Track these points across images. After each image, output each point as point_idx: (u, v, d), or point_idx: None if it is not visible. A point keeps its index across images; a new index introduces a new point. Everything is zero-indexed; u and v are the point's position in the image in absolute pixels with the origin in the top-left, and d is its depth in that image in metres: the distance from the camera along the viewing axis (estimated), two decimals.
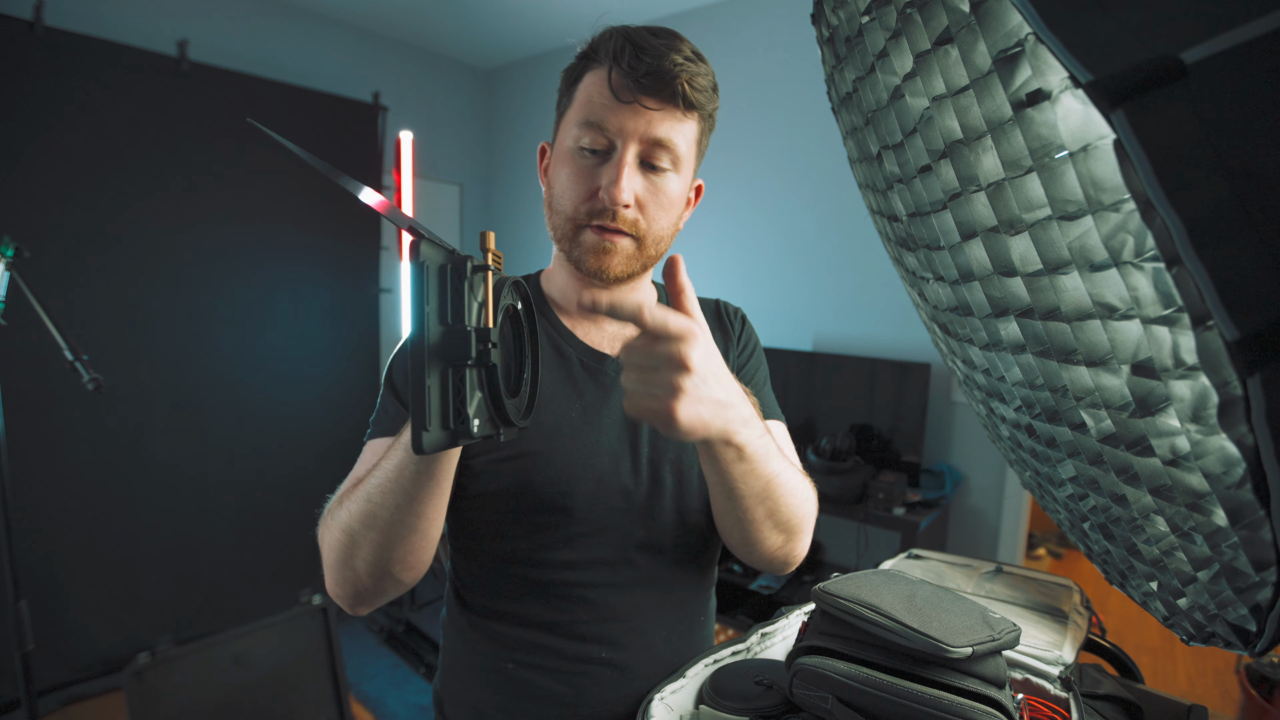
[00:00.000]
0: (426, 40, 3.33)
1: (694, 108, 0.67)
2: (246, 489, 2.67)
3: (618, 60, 0.64)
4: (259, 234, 2.67)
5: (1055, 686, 0.63)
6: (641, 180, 0.67)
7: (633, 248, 0.69)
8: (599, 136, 0.66)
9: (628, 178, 0.66)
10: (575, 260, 0.70)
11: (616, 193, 0.65)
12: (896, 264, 0.79)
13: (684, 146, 0.68)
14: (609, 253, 0.68)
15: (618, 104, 0.65)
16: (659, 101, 0.65)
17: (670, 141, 0.67)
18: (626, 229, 0.68)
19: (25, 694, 1.37)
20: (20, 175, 2.10)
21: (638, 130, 0.65)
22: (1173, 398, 0.39)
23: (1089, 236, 0.39)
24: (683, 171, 0.70)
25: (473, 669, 0.75)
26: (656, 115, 0.65)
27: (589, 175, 0.67)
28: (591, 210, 0.67)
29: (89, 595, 2.28)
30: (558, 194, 0.70)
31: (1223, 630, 0.51)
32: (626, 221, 0.67)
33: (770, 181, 2.76)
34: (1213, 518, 0.42)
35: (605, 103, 0.65)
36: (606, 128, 0.65)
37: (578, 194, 0.68)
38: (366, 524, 0.58)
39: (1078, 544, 0.79)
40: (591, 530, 0.71)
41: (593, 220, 0.68)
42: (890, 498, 2.11)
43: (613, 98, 0.65)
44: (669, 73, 0.63)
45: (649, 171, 0.68)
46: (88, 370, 1.31)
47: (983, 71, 0.41)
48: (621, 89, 0.64)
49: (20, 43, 2.07)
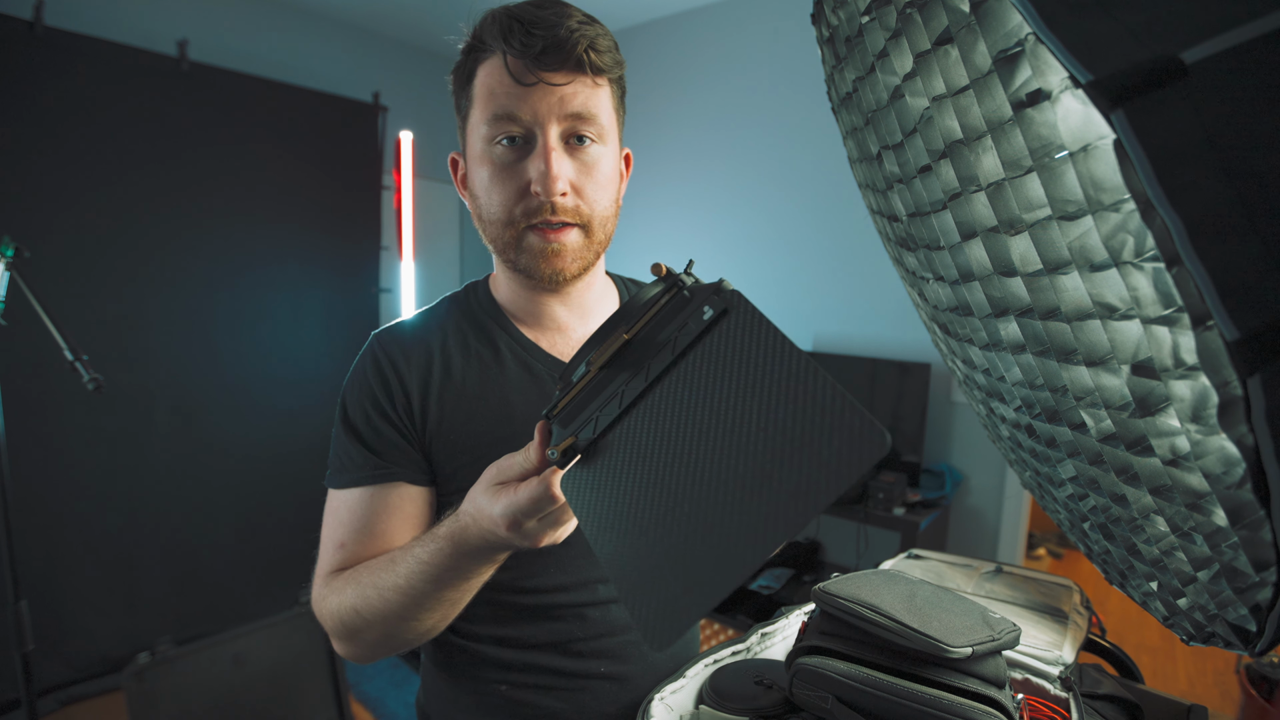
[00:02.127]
0: (426, 40, 3.33)
1: (602, 72, 0.62)
2: (246, 489, 2.67)
3: (509, 42, 0.59)
4: (259, 234, 2.67)
5: (1055, 686, 0.63)
6: (570, 162, 0.62)
7: (581, 238, 0.65)
8: (511, 125, 0.60)
9: (556, 162, 0.60)
10: (524, 269, 0.65)
11: (550, 183, 0.60)
12: (896, 264, 0.79)
13: (604, 115, 0.63)
14: (559, 253, 0.64)
15: (522, 88, 0.59)
16: (566, 74, 0.60)
17: (589, 113, 0.62)
18: (570, 218, 0.63)
19: (25, 694, 1.37)
20: (20, 175, 2.10)
21: (552, 110, 0.60)
22: (1173, 398, 0.39)
23: (1089, 236, 0.39)
24: (609, 142, 0.65)
25: (461, 692, 0.72)
26: (567, 90, 0.60)
27: (513, 172, 0.62)
28: (527, 209, 0.62)
29: (89, 595, 2.28)
30: (485, 202, 0.65)
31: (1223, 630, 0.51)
32: (568, 211, 0.63)
33: (770, 181, 2.76)
34: (1213, 518, 0.42)
35: (509, 90, 0.60)
36: (519, 115, 0.60)
37: (507, 195, 0.63)
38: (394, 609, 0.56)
39: (1078, 544, 0.79)
40: (584, 550, 0.68)
41: (532, 220, 0.63)
42: (890, 498, 2.11)
43: (514, 82, 0.59)
44: (568, 41, 0.58)
45: (575, 149, 0.63)
46: (88, 370, 1.31)
47: (983, 71, 0.41)
48: (522, 71, 0.59)
49: (20, 43, 2.07)
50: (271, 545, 2.73)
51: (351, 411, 0.67)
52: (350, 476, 0.65)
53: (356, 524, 0.64)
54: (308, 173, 2.79)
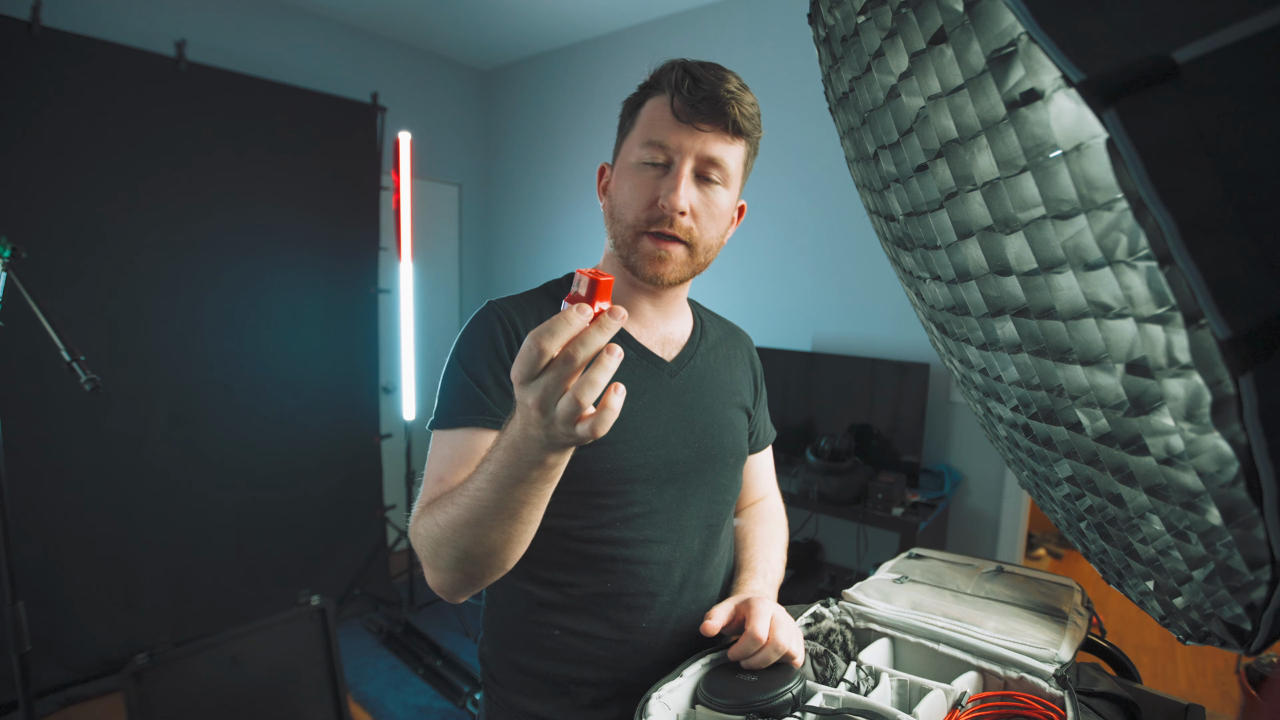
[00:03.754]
0: (425, 40, 3.33)
1: (742, 134, 0.76)
2: (245, 490, 2.67)
3: (678, 88, 0.74)
4: (258, 234, 2.67)
5: (1051, 685, 0.63)
6: (696, 192, 0.75)
7: (685, 255, 0.77)
8: (659, 152, 0.74)
9: (684, 188, 0.74)
10: (632, 265, 0.78)
11: (675, 199, 0.73)
12: (894, 263, 0.79)
13: (733, 165, 0.77)
14: (664, 260, 0.76)
15: (677, 124, 0.74)
16: (712, 125, 0.74)
17: (721, 159, 0.75)
18: (681, 235, 0.75)
19: (23, 696, 1.36)
20: (17, 175, 2.10)
21: (694, 148, 0.74)
22: (1167, 396, 0.39)
23: (1083, 235, 0.39)
24: (731, 188, 0.78)
25: (516, 631, 0.80)
26: (710, 136, 0.74)
27: (649, 186, 0.75)
28: (651, 217, 0.75)
29: (87, 596, 2.28)
30: (619, 205, 0.78)
31: (1218, 629, 0.51)
32: (682, 229, 0.75)
33: (769, 181, 2.76)
34: (1207, 516, 0.42)
35: (666, 124, 0.74)
36: (667, 145, 0.74)
37: (639, 203, 0.75)
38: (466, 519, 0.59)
39: (1075, 544, 0.79)
40: (646, 513, 0.77)
41: (651, 227, 0.75)
42: (889, 498, 2.11)
43: (673, 119, 0.74)
44: (722, 99, 0.73)
45: (702, 184, 0.76)
46: (85, 371, 1.30)
47: (977, 71, 0.42)
48: (681, 112, 0.73)
49: (18, 43, 2.07)
50: (269, 546, 2.73)
51: (466, 360, 0.75)
52: (458, 418, 0.72)
53: (458, 460, 0.70)
54: (306, 173, 2.79)
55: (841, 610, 0.79)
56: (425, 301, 3.45)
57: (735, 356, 0.93)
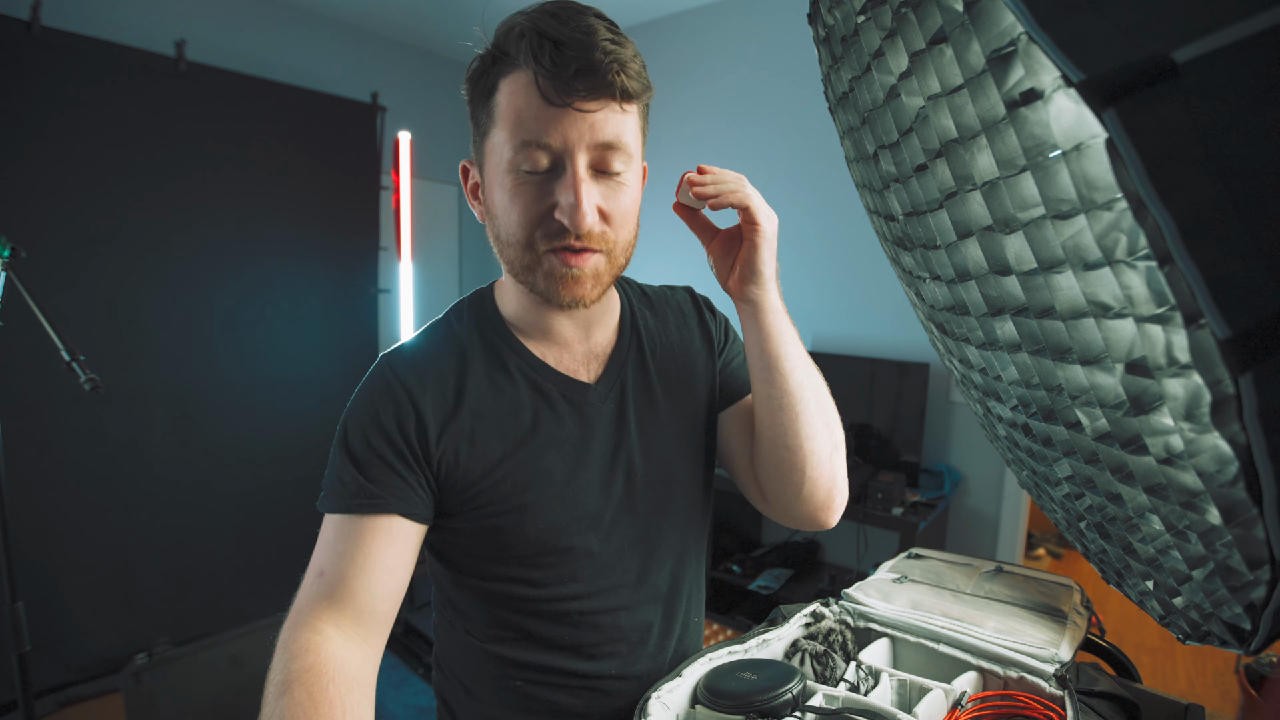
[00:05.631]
0: (425, 40, 3.33)
1: (632, 98, 0.60)
2: (244, 490, 2.66)
3: (539, 60, 0.56)
4: (257, 234, 2.67)
5: (1050, 684, 0.63)
6: (597, 188, 0.61)
7: (603, 263, 0.63)
8: (541, 154, 0.58)
9: (586, 195, 0.59)
10: (540, 292, 0.64)
11: (580, 218, 0.58)
12: (894, 263, 0.79)
13: (632, 142, 0.61)
14: (579, 279, 0.62)
15: (551, 110, 0.57)
16: (597, 101, 0.57)
17: (619, 141, 0.60)
18: (594, 245, 0.61)
19: (22, 696, 1.36)
20: (17, 175, 2.10)
21: (582, 137, 0.58)
22: (1166, 396, 0.39)
23: (1082, 235, 0.39)
24: (635, 167, 0.64)
25: (476, 681, 0.73)
26: (598, 116, 0.58)
27: (537, 195, 0.60)
28: (549, 233, 0.60)
29: (86, 596, 2.27)
30: (504, 223, 0.62)
31: (1218, 629, 0.51)
32: (594, 238, 0.61)
33: (768, 181, 2.76)
34: (1207, 516, 0.42)
35: (537, 113, 0.57)
36: (549, 143, 0.58)
37: (529, 218, 0.60)
38: None
39: (1075, 543, 0.79)
40: (595, 563, 0.69)
41: (553, 244, 0.61)
42: (889, 498, 2.11)
43: (544, 104, 0.57)
44: (601, 65, 0.56)
45: (603, 178, 0.61)
46: (85, 371, 1.30)
47: (976, 71, 0.42)
48: (552, 93, 0.56)
49: (17, 43, 2.06)
50: (269, 546, 2.73)
51: (352, 436, 0.65)
52: (340, 502, 0.63)
53: (339, 551, 0.62)
54: (306, 173, 2.79)
55: (841, 610, 0.79)
56: (425, 301, 3.44)
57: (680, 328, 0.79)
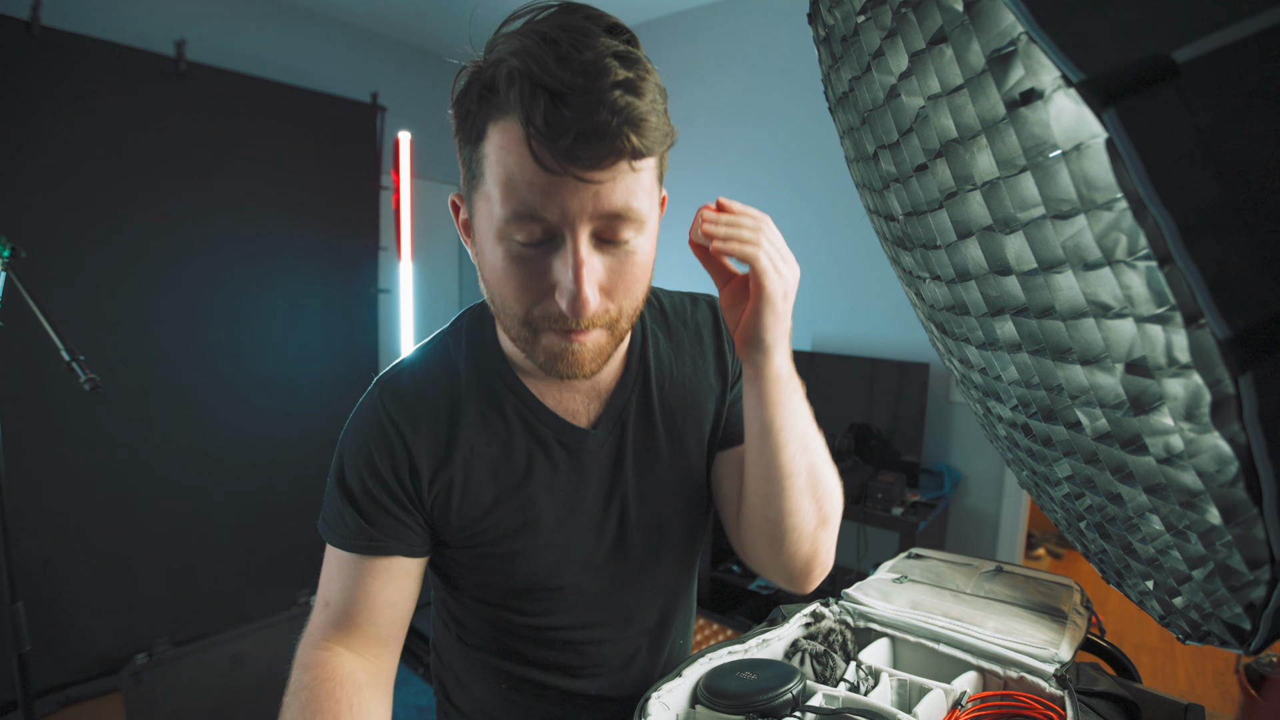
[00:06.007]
0: (425, 40, 3.33)
1: (644, 156, 0.49)
2: (244, 490, 2.66)
3: (531, 117, 0.46)
4: (257, 234, 2.67)
5: (1050, 684, 0.63)
6: (602, 260, 0.52)
7: (605, 337, 0.56)
8: (534, 226, 0.50)
9: (588, 279, 0.51)
10: (540, 365, 0.58)
11: (581, 306, 0.51)
12: (893, 263, 0.79)
13: (646, 204, 0.52)
14: (578, 355, 0.55)
15: (547, 178, 0.47)
16: (601, 170, 0.48)
17: (628, 209, 0.50)
18: (598, 324, 0.54)
19: (22, 695, 1.36)
20: (17, 175, 2.10)
21: (585, 208, 0.49)
22: (1166, 396, 0.39)
23: (1082, 235, 0.39)
24: (648, 227, 0.55)
25: (468, 676, 0.77)
26: (604, 186, 0.48)
27: (533, 270, 0.52)
28: (547, 313, 0.53)
29: (86, 596, 2.28)
30: (499, 292, 0.55)
31: (1218, 629, 0.51)
32: (597, 317, 0.54)
33: (768, 181, 2.76)
34: (1207, 516, 0.42)
35: (531, 180, 0.48)
36: (544, 216, 0.49)
37: (527, 296, 0.53)
38: None
39: (1075, 543, 0.79)
40: (583, 602, 0.71)
41: (553, 325, 0.54)
42: (889, 498, 2.11)
43: (538, 170, 0.47)
44: (607, 129, 0.46)
45: (609, 248, 0.53)
46: (84, 370, 1.30)
47: (976, 71, 0.42)
48: (549, 160, 0.47)
49: (17, 43, 2.07)
50: (269, 546, 2.73)
51: (349, 474, 0.63)
52: (342, 540, 0.63)
53: (343, 586, 0.63)
54: (306, 173, 2.79)
55: (841, 610, 0.79)
56: (425, 301, 3.44)
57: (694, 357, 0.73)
